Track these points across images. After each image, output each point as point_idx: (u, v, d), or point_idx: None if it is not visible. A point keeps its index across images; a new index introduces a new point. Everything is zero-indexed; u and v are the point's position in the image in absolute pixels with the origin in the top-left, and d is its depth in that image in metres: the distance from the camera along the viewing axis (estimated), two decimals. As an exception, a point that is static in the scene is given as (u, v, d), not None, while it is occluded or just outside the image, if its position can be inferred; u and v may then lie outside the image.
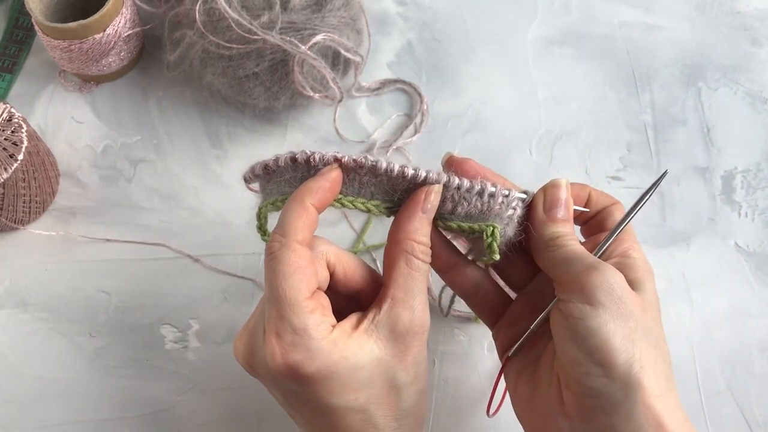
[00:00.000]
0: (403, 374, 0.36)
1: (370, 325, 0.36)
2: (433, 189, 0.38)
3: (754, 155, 0.62)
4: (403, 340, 0.36)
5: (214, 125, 0.61)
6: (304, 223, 0.35)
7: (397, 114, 0.62)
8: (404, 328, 0.35)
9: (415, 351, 0.36)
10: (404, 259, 0.37)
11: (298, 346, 0.33)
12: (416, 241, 0.37)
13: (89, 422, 0.50)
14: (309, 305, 0.34)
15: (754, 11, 0.69)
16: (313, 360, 0.33)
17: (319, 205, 0.36)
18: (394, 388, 0.36)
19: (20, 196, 0.52)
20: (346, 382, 0.34)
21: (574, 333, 0.35)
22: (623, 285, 0.36)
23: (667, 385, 0.35)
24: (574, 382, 0.36)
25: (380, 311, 0.36)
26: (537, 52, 0.66)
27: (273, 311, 0.34)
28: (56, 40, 0.56)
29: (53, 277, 0.54)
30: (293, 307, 0.34)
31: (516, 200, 0.39)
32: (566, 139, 0.62)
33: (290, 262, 0.34)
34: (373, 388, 0.35)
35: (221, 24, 0.54)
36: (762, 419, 0.52)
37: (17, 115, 0.51)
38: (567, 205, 0.40)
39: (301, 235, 0.35)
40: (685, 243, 0.58)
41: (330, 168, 0.37)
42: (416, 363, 0.36)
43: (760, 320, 0.55)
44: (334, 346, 0.34)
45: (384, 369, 0.35)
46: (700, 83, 0.65)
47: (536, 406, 0.39)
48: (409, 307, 0.36)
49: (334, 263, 0.38)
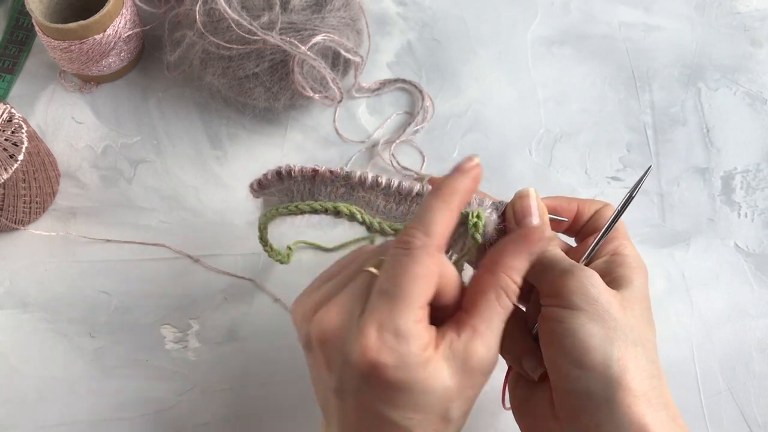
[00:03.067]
0: (458, 409, 0.34)
1: (447, 350, 0.34)
2: (551, 236, 0.37)
3: (754, 156, 0.62)
4: (472, 375, 0.34)
5: (214, 126, 0.61)
6: (448, 226, 0.34)
7: (397, 113, 0.62)
8: (477, 363, 0.34)
9: (477, 389, 0.35)
10: (495, 293, 0.34)
11: (394, 350, 0.32)
12: (513, 279, 0.35)
13: (89, 422, 0.50)
14: (420, 314, 0.33)
15: (754, 11, 0.69)
16: (400, 370, 0.32)
17: (462, 208, 0.35)
18: (445, 419, 0.34)
19: (20, 197, 0.53)
20: (413, 402, 0.33)
21: (554, 335, 0.36)
22: (598, 285, 0.36)
23: (651, 383, 0.35)
24: (559, 384, 0.36)
25: (459, 338, 0.34)
26: (537, 52, 0.66)
27: (384, 305, 0.32)
28: (56, 41, 0.56)
29: (53, 277, 0.54)
30: (407, 310, 0.32)
31: (490, 207, 0.40)
32: (566, 140, 0.62)
33: (426, 265, 0.33)
34: (428, 414, 0.33)
35: (221, 24, 0.54)
36: (762, 419, 0.52)
37: (17, 116, 0.51)
38: (539, 213, 0.39)
39: (442, 239, 0.34)
40: (685, 243, 0.58)
41: (471, 162, 0.36)
42: (471, 400, 0.35)
43: (760, 320, 0.55)
44: (425, 364, 0.32)
45: (446, 400, 0.33)
46: (699, 83, 0.65)
47: (531, 409, 0.39)
48: (487, 343, 0.34)
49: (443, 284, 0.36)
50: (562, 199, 0.42)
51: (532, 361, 0.39)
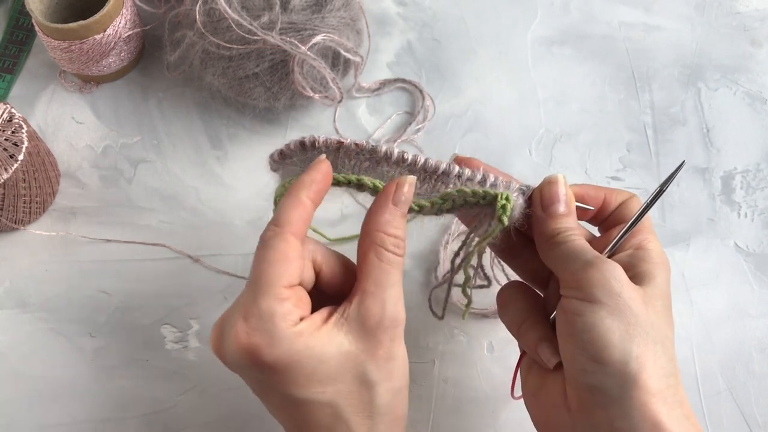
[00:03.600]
0: (374, 370, 0.35)
1: (340, 319, 0.35)
2: (406, 180, 0.37)
3: (754, 155, 0.62)
4: (374, 334, 0.35)
5: (214, 126, 0.61)
6: (300, 215, 0.36)
7: (397, 113, 0.62)
8: (375, 321, 0.35)
9: (386, 346, 0.35)
10: (375, 251, 0.36)
11: (261, 331, 0.33)
12: (387, 233, 0.36)
13: (89, 422, 0.50)
14: (283, 293, 0.34)
15: (754, 11, 0.69)
16: (273, 347, 0.33)
17: (314, 197, 0.37)
18: (366, 383, 0.35)
19: (20, 197, 0.53)
20: (310, 374, 0.34)
21: (572, 329, 0.36)
22: (622, 279, 0.36)
23: (667, 381, 0.35)
24: (573, 377, 0.36)
25: (351, 305, 0.35)
26: (537, 52, 0.66)
27: (248, 295, 0.34)
28: (56, 41, 0.56)
29: (53, 277, 0.54)
30: (267, 292, 0.34)
31: (517, 191, 0.39)
32: (566, 140, 0.62)
33: (280, 250, 0.35)
34: (342, 383, 0.34)
35: (221, 24, 0.54)
36: (762, 419, 0.52)
37: (17, 116, 0.51)
38: (566, 200, 0.39)
39: (296, 227, 0.35)
40: (685, 243, 0.58)
41: (319, 161, 0.38)
42: (389, 359, 0.35)
43: (760, 320, 0.55)
44: (298, 336, 0.33)
45: (354, 364, 0.34)
46: (699, 83, 0.65)
47: (542, 397, 0.39)
48: (379, 300, 0.35)
49: (320, 263, 0.38)
50: (590, 188, 0.42)
51: (549, 350, 0.39)
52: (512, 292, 0.43)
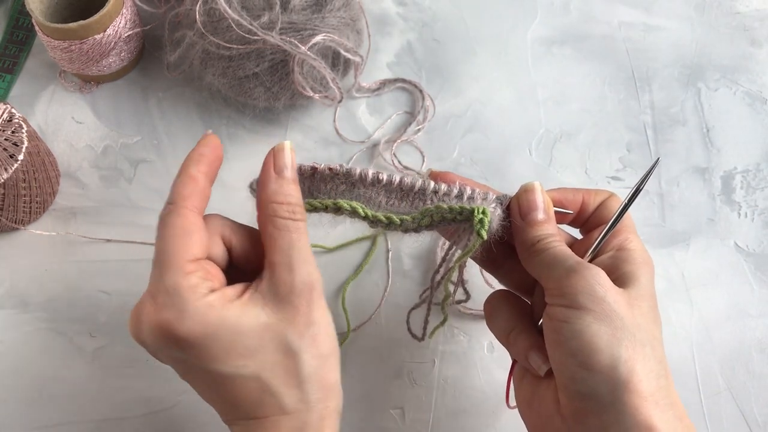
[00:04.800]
0: (296, 338, 0.34)
1: (254, 294, 0.35)
2: (283, 145, 0.38)
3: (754, 155, 0.62)
4: (289, 301, 0.35)
5: (214, 125, 0.61)
6: (192, 190, 0.36)
7: (397, 113, 0.62)
8: (287, 289, 0.35)
9: (303, 311, 0.35)
10: (271, 222, 0.36)
11: (169, 306, 0.33)
12: (277, 202, 0.36)
13: (89, 422, 0.50)
14: (188, 267, 0.34)
15: (754, 12, 0.69)
16: (184, 320, 0.33)
17: (206, 171, 0.37)
18: (289, 353, 0.34)
19: (20, 197, 0.53)
20: (229, 347, 0.33)
21: (560, 336, 0.35)
22: (605, 284, 0.35)
23: (658, 383, 0.35)
24: (564, 385, 0.36)
25: (262, 279, 0.35)
26: (537, 52, 0.66)
27: (154, 274, 0.34)
28: (56, 41, 0.56)
29: (53, 277, 0.54)
30: (169, 268, 0.34)
31: (494, 202, 0.39)
32: (566, 140, 0.62)
33: (175, 225, 0.35)
34: (264, 354, 0.34)
35: (221, 24, 0.54)
36: (762, 419, 0.52)
37: (17, 116, 0.51)
38: (544, 207, 0.39)
39: (189, 202, 0.35)
40: (685, 243, 0.58)
41: (206, 135, 0.38)
42: (310, 324, 0.35)
43: (760, 320, 0.55)
44: (209, 308, 0.33)
45: (274, 334, 0.34)
46: (699, 84, 0.65)
47: (536, 405, 0.39)
48: (287, 267, 0.35)
49: (229, 237, 0.38)
50: (567, 191, 0.42)
51: (539, 357, 0.39)
52: (499, 300, 0.43)
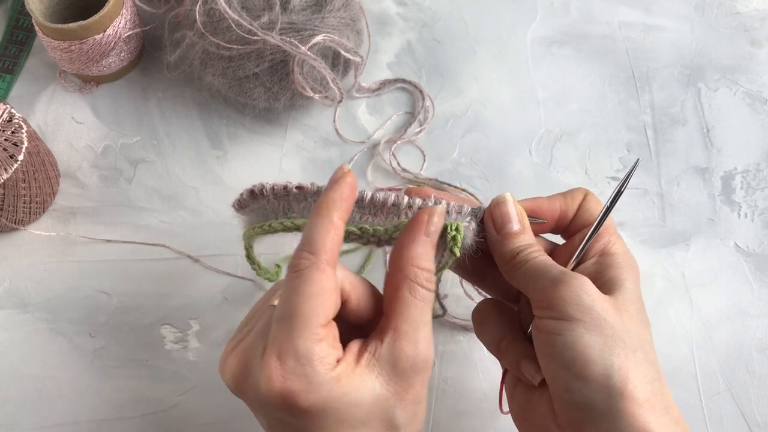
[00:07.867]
0: (402, 413, 0.33)
1: (371, 359, 0.33)
2: (436, 210, 0.36)
3: (754, 156, 0.62)
4: (406, 376, 0.33)
5: (214, 126, 0.61)
6: (333, 239, 0.33)
7: (397, 113, 0.62)
8: (408, 363, 0.33)
9: (417, 389, 0.34)
10: (408, 287, 0.34)
11: (299, 375, 0.31)
12: (420, 267, 0.34)
13: (89, 422, 0.50)
14: (321, 333, 0.32)
15: (754, 12, 0.69)
16: (311, 393, 0.31)
17: (345, 217, 0.34)
18: (392, 427, 0.34)
19: (20, 197, 0.53)
20: (343, 419, 0.32)
21: (552, 349, 0.35)
22: (591, 292, 0.35)
23: (653, 387, 0.34)
24: (559, 396, 0.35)
25: (382, 344, 0.33)
26: (537, 52, 0.66)
27: (281, 332, 0.32)
28: (56, 41, 0.56)
29: (53, 277, 0.54)
30: (304, 331, 0.31)
31: (469, 215, 0.38)
32: (566, 140, 0.62)
33: (316, 282, 0.32)
34: (369, 427, 0.33)
35: (221, 25, 0.54)
36: (762, 419, 0.52)
37: (17, 116, 0.51)
38: (519, 218, 0.38)
39: (330, 254, 0.33)
40: (685, 243, 0.58)
41: (344, 172, 0.35)
42: (416, 401, 0.34)
43: (760, 320, 0.55)
44: (336, 381, 0.32)
45: (384, 407, 0.33)
46: (699, 84, 0.65)
47: (531, 414, 0.39)
48: (413, 340, 0.33)
49: (349, 292, 0.36)
50: (541, 200, 0.41)
51: (532, 367, 0.38)
52: (487, 310, 0.42)
